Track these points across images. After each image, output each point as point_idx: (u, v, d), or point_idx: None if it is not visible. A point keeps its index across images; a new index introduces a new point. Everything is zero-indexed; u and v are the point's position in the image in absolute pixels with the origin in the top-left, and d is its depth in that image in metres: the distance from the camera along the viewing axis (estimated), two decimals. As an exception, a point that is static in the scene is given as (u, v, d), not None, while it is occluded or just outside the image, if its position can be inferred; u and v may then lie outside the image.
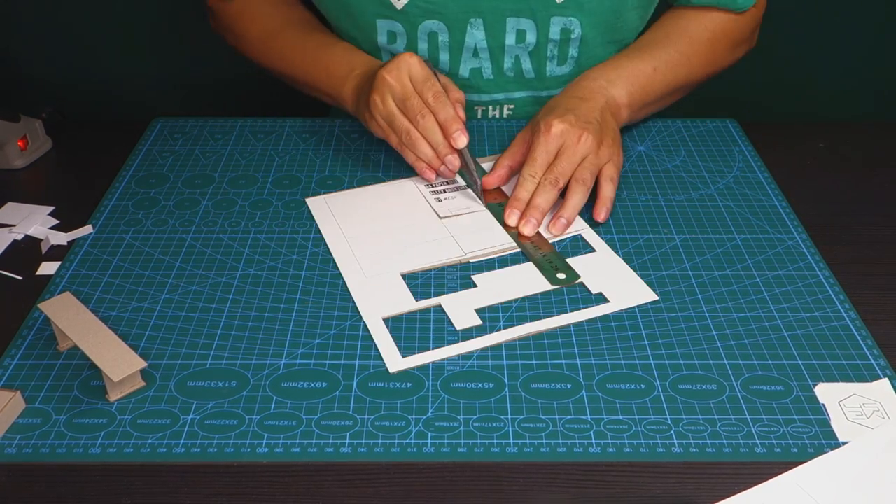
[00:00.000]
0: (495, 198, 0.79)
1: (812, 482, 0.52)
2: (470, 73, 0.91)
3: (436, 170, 0.80)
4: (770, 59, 1.36)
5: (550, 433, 0.56)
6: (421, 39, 0.88)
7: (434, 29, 0.87)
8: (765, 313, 0.66)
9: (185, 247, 0.74)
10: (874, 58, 1.40)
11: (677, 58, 0.88)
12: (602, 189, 0.77)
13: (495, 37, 0.88)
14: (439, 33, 0.87)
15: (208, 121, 0.94)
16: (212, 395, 0.59)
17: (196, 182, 0.83)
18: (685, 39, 0.89)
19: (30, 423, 0.57)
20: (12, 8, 1.32)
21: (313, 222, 0.77)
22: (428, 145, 0.79)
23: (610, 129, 0.80)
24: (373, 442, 0.56)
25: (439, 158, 0.79)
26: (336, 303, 0.67)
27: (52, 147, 0.90)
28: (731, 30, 0.91)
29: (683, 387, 0.60)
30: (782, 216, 0.78)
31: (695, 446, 0.55)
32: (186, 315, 0.66)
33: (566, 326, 0.65)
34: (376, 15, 0.87)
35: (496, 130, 0.92)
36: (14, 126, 0.85)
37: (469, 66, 0.90)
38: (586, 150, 0.76)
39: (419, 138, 0.78)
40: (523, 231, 0.74)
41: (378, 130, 0.81)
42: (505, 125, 0.93)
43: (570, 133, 0.76)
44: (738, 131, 0.92)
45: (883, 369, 0.61)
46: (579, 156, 0.76)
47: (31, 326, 0.65)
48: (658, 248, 0.74)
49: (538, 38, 0.88)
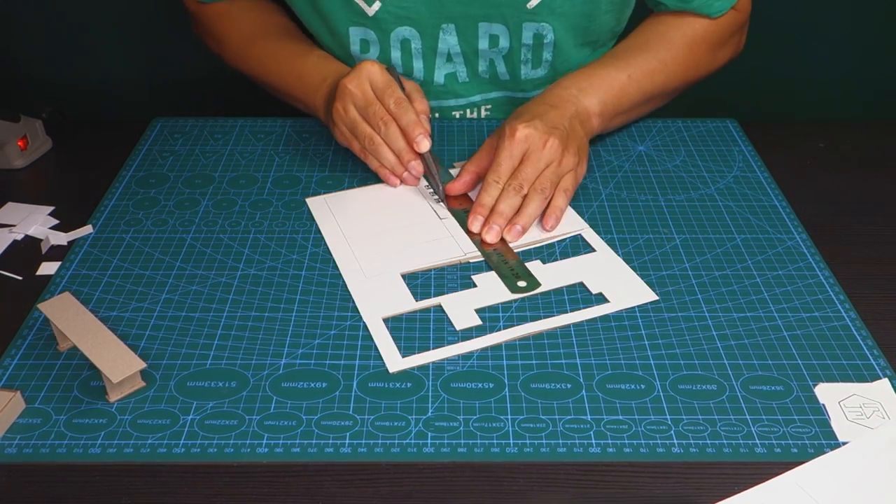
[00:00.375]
0: (460, 204, 0.78)
1: (812, 482, 0.52)
2: (445, 79, 0.91)
3: (399, 176, 0.80)
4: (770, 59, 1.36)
5: (550, 433, 0.56)
6: (394, 47, 0.88)
7: (407, 35, 0.87)
8: (765, 313, 0.66)
9: (185, 247, 0.74)
10: (874, 58, 1.40)
11: (654, 64, 0.86)
12: (554, 198, 0.76)
13: (468, 42, 0.88)
14: (412, 40, 0.87)
15: (208, 121, 0.94)
16: (212, 396, 0.59)
17: (196, 182, 0.83)
18: (663, 45, 0.87)
19: (30, 423, 0.57)
20: (12, 8, 1.32)
21: (313, 222, 0.77)
22: (390, 151, 0.79)
23: (576, 138, 0.78)
24: (373, 442, 0.56)
25: (402, 165, 0.79)
26: (336, 303, 0.67)
27: (52, 147, 0.90)
28: (710, 34, 0.89)
29: (683, 387, 0.60)
30: (782, 216, 0.78)
31: (695, 446, 0.55)
32: (186, 315, 0.66)
33: (566, 326, 0.65)
34: (349, 23, 0.87)
35: (466, 132, 0.91)
36: (14, 126, 0.85)
37: (444, 72, 0.90)
38: (551, 155, 0.75)
39: (381, 144, 0.79)
40: (486, 238, 0.73)
41: (342, 139, 0.82)
42: (476, 125, 0.93)
43: (535, 138, 0.75)
44: (738, 131, 0.92)
45: (883, 369, 0.61)
46: (544, 161, 0.75)
47: (31, 326, 0.65)
48: (658, 248, 0.74)
49: (511, 43, 0.87)
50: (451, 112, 0.95)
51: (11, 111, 0.86)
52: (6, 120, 0.84)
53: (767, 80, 1.40)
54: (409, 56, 0.89)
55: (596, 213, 0.78)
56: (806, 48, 1.39)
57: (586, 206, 0.79)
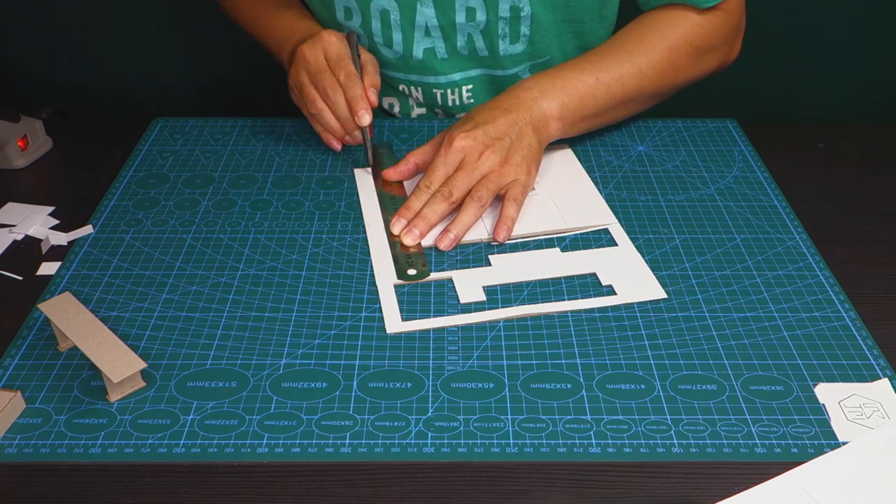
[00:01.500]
0: (392, 189, 0.81)
1: (812, 482, 0.52)
2: (424, 54, 0.92)
3: (340, 140, 0.85)
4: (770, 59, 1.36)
5: (550, 433, 0.56)
6: (374, 17, 0.90)
7: (385, 6, 0.88)
8: (765, 313, 0.66)
9: (185, 247, 0.74)
10: (874, 58, 1.40)
11: (628, 68, 0.83)
12: (504, 208, 0.74)
13: (445, 14, 0.88)
14: (391, 11, 0.89)
15: (208, 121, 0.94)
16: (212, 396, 0.59)
17: (196, 182, 0.83)
18: (641, 49, 0.84)
19: (30, 423, 0.57)
20: (13, 8, 1.33)
21: (313, 222, 0.77)
22: (333, 118, 0.83)
23: (523, 147, 0.77)
24: (373, 442, 0.56)
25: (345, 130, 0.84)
26: (336, 303, 0.68)
27: (52, 147, 0.90)
28: (695, 37, 0.86)
29: (683, 387, 0.60)
30: (782, 216, 0.78)
31: (695, 446, 0.55)
32: (186, 315, 0.66)
33: (566, 325, 0.65)
34: None
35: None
36: (14, 126, 0.85)
37: (423, 47, 0.91)
38: (487, 167, 0.75)
39: (324, 109, 0.83)
40: (405, 240, 0.73)
41: (294, 99, 0.87)
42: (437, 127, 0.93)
43: (472, 149, 0.75)
44: (738, 131, 0.92)
45: (883, 369, 0.61)
46: (479, 172, 0.75)
47: (31, 326, 0.65)
48: (658, 248, 0.74)
49: (488, 16, 0.87)
50: (432, 90, 0.95)
51: (12, 111, 0.86)
52: (6, 120, 0.84)
53: (767, 80, 1.40)
54: (389, 27, 0.90)
55: (596, 213, 0.79)
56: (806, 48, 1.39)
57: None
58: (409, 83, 0.96)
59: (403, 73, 0.95)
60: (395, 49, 0.92)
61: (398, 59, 0.93)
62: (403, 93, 0.98)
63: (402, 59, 0.92)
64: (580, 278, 0.69)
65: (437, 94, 0.95)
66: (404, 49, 0.91)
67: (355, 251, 0.73)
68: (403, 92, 0.98)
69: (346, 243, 0.74)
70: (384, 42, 0.91)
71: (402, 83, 0.96)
